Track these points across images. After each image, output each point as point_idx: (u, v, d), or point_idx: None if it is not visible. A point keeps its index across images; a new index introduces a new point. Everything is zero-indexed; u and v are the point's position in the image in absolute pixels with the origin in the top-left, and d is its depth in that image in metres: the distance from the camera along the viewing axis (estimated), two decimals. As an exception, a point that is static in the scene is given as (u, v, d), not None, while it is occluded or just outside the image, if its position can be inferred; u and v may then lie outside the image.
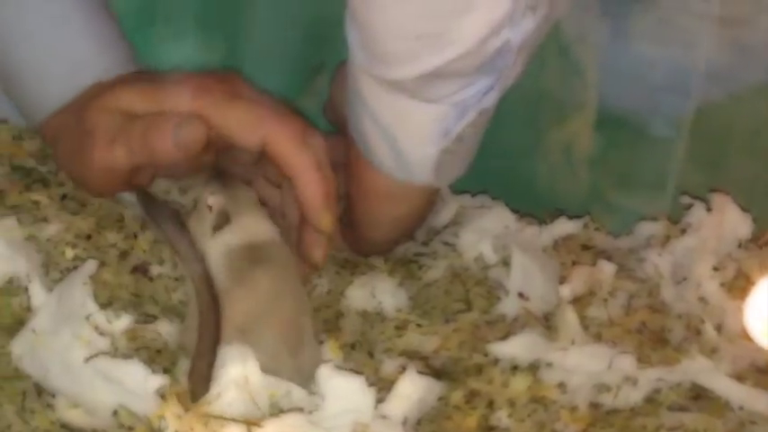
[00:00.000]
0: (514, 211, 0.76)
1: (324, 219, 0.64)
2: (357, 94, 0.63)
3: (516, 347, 0.65)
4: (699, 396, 0.62)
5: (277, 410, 0.59)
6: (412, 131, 0.62)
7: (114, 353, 0.61)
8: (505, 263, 0.71)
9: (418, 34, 0.56)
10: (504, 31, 0.56)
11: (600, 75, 0.79)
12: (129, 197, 0.69)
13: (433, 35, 0.56)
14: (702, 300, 0.68)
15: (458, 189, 0.78)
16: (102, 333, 0.61)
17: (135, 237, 0.68)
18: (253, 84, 0.68)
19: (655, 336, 0.65)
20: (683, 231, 0.71)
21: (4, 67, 0.70)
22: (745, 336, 0.64)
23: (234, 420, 0.57)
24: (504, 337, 0.66)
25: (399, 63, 0.58)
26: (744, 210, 0.71)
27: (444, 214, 0.76)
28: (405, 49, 0.57)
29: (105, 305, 0.62)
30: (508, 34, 0.56)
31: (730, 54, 0.76)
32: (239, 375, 0.59)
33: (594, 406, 0.62)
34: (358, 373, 0.60)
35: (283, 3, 0.79)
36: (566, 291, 0.66)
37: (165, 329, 0.63)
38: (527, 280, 0.70)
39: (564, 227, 0.74)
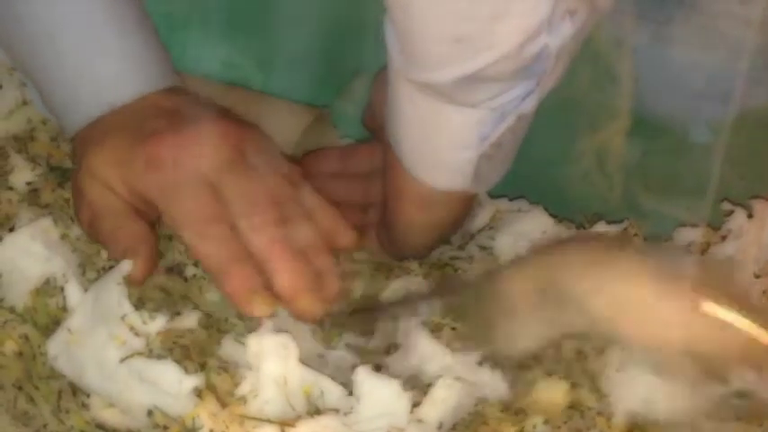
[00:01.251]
0: (552, 215, 0.74)
1: (302, 305, 0.63)
2: (395, 98, 0.62)
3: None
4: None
5: (313, 410, 0.59)
6: (450, 137, 0.61)
7: (149, 353, 0.60)
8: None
9: (456, 38, 0.55)
10: (542, 35, 0.55)
11: (640, 80, 0.77)
12: None
13: (471, 39, 0.55)
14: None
15: (495, 193, 0.77)
16: (137, 333, 0.61)
17: (170, 238, 0.67)
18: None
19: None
20: (724, 238, 0.69)
21: (36, 83, 0.70)
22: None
23: (268, 421, 0.57)
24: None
25: (437, 67, 0.57)
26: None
27: (481, 218, 0.75)
28: (442, 53, 0.56)
29: (139, 305, 0.62)
30: (546, 39, 0.55)
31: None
32: (278, 373, 0.59)
33: (632, 415, 0.61)
34: (395, 376, 0.59)
35: (316, 5, 0.78)
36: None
37: (199, 330, 0.63)
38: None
39: (603, 231, 0.72)
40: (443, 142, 0.62)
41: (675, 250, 0.68)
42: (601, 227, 0.73)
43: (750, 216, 0.70)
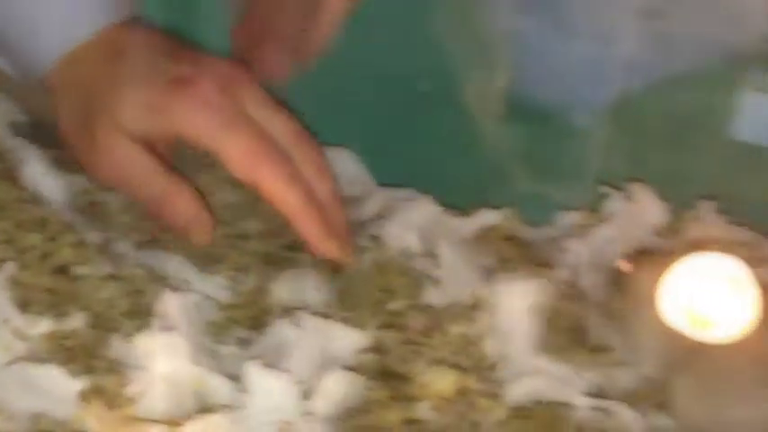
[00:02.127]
0: (441, 204, 0.74)
1: (328, 249, 0.66)
2: None
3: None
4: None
5: (204, 407, 0.58)
6: None
7: (34, 357, 0.59)
8: (430, 254, 0.70)
9: None
10: None
11: (523, 67, 0.78)
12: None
13: None
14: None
15: (385, 183, 0.77)
16: (21, 337, 0.59)
17: (54, 238, 0.65)
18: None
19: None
20: (602, 221, 0.70)
21: None
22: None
23: (156, 421, 0.56)
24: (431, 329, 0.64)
25: None
26: (661, 199, 0.71)
27: (370, 207, 0.75)
28: None
29: (24, 308, 0.61)
30: None
31: (650, 46, 0.75)
32: (168, 371, 0.58)
33: (520, 397, 0.61)
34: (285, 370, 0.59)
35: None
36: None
37: (86, 331, 0.61)
38: (452, 270, 0.69)
39: (486, 218, 0.72)
40: None
41: None
42: (484, 213, 0.73)
43: (627, 199, 0.71)
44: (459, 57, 0.77)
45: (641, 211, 0.70)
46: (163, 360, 0.59)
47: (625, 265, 0.65)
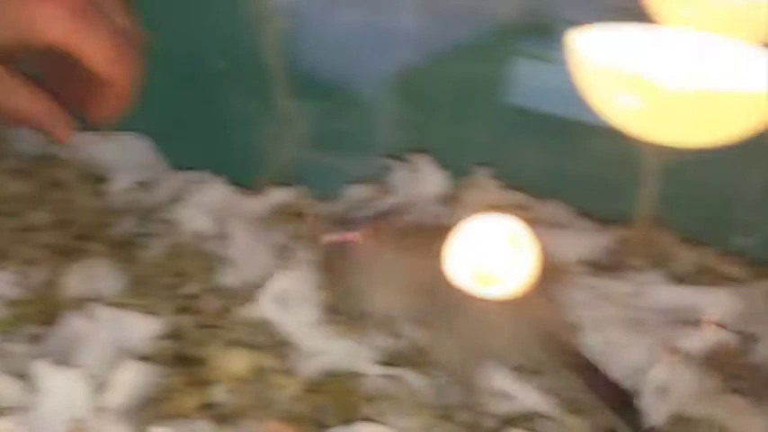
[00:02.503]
0: (235, 184, 0.75)
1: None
2: None
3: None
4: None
5: None
6: None
7: None
8: (223, 236, 0.70)
9: None
10: None
11: (306, 43, 0.78)
12: None
13: None
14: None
15: (181, 167, 0.77)
16: None
17: None
18: None
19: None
20: (387, 192, 0.72)
21: None
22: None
23: None
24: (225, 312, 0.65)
25: None
26: (443, 168, 0.73)
27: (161, 191, 0.74)
28: None
29: None
30: None
31: (430, 19, 0.77)
32: None
33: (317, 371, 0.62)
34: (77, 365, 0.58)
35: None
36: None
37: None
38: (245, 251, 0.69)
39: (277, 196, 0.73)
40: None
41: None
42: (274, 191, 0.73)
43: (411, 170, 0.73)
44: (244, 35, 0.76)
45: (424, 181, 0.72)
46: None
47: (342, 236, 0.66)
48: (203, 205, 0.72)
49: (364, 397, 0.60)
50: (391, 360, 0.62)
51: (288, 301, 0.64)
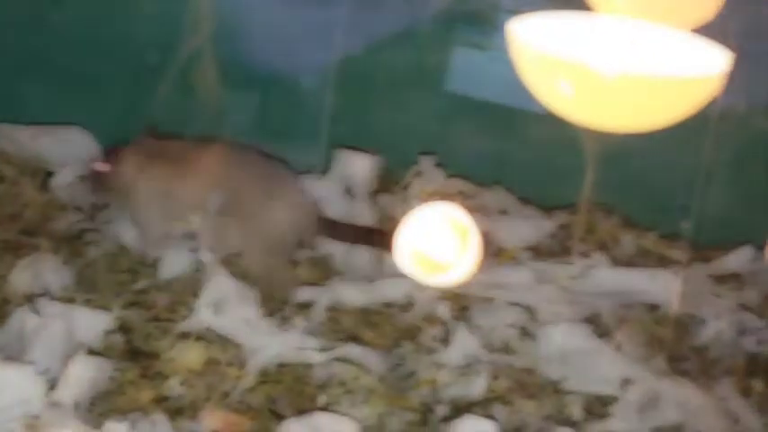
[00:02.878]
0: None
1: None
2: None
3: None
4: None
5: None
6: None
7: None
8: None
9: None
10: None
11: (251, 38, 0.78)
12: None
13: None
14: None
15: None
16: None
17: None
18: None
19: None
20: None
21: None
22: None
23: None
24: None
25: None
26: (384, 155, 0.74)
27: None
28: None
29: None
30: None
31: (366, 7, 0.76)
32: None
33: (266, 361, 0.62)
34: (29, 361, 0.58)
35: None
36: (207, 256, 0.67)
37: None
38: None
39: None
40: None
41: None
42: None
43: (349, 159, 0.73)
44: (180, 28, 0.76)
45: (355, 166, 0.73)
46: None
47: (102, 166, 0.70)
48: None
49: (316, 384, 0.60)
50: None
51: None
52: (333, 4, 0.76)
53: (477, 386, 0.60)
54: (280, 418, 0.58)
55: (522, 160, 0.74)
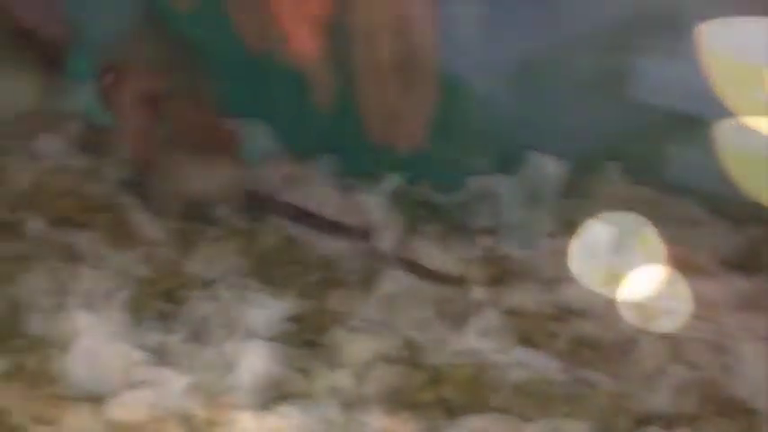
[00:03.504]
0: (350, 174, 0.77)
1: None
2: None
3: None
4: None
5: (127, 383, 0.58)
6: None
7: None
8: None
9: None
10: None
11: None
12: None
13: None
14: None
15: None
16: None
17: None
18: None
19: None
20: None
21: None
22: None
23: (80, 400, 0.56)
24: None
25: None
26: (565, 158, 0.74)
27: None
28: None
29: None
30: None
31: (547, 10, 0.75)
32: (91, 349, 0.59)
33: None
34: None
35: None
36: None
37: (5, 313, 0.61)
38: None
39: (392, 182, 0.74)
40: None
41: None
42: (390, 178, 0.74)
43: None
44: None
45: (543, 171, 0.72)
46: (86, 339, 0.58)
47: (108, 79, 0.72)
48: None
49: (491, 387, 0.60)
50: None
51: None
52: (514, 3, 0.76)
53: (661, 400, 0.58)
54: (451, 416, 0.58)
55: (711, 169, 0.72)
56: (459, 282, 0.67)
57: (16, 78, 0.77)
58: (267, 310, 0.64)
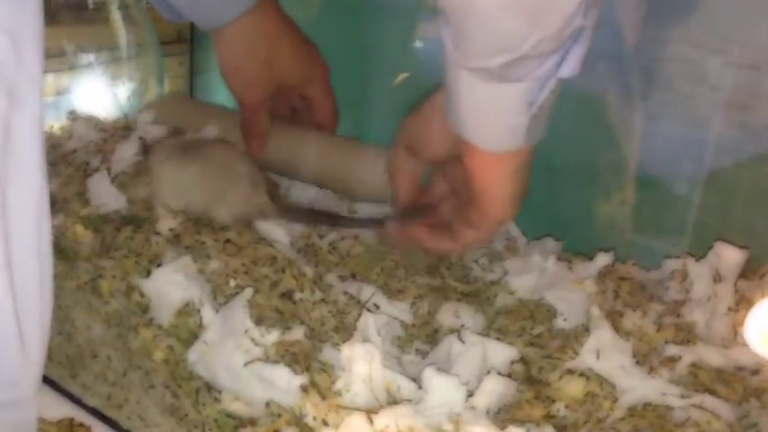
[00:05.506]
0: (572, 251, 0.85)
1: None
2: (454, 87, 0.64)
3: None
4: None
5: (392, 401, 0.66)
6: (505, 108, 0.64)
7: (266, 359, 0.68)
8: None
9: (507, 31, 0.59)
10: (577, 18, 0.59)
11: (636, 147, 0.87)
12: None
13: (519, 30, 0.59)
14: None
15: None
16: (257, 344, 0.68)
17: (283, 271, 0.76)
18: None
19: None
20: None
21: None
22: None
23: (358, 410, 0.65)
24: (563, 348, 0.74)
25: (490, 55, 0.60)
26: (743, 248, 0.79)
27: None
28: (497, 46, 0.60)
29: (258, 322, 0.70)
30: (581, 21, 0.60)
31: (736, 131, 0.83)
32: (365, 372, 0.66)
33: (635, 400, 0.69)
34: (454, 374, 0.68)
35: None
36: (596, 311, 0.74)
37: (304, 340, 0.70)
38: (565, 304, 0.79)
39: (603, 260, 0.82)
40: (500, 113, 0.64)
41: None
42: (602, 256, 0.83)
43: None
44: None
45: (727, 257, 0.79)
46: (361, 364, 0.67)
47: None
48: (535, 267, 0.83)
49: (673, 425, 0.67)
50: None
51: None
52: (710, 125, 0.83)
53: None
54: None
55: None
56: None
57: None
58: (502, 353, 0.72)
